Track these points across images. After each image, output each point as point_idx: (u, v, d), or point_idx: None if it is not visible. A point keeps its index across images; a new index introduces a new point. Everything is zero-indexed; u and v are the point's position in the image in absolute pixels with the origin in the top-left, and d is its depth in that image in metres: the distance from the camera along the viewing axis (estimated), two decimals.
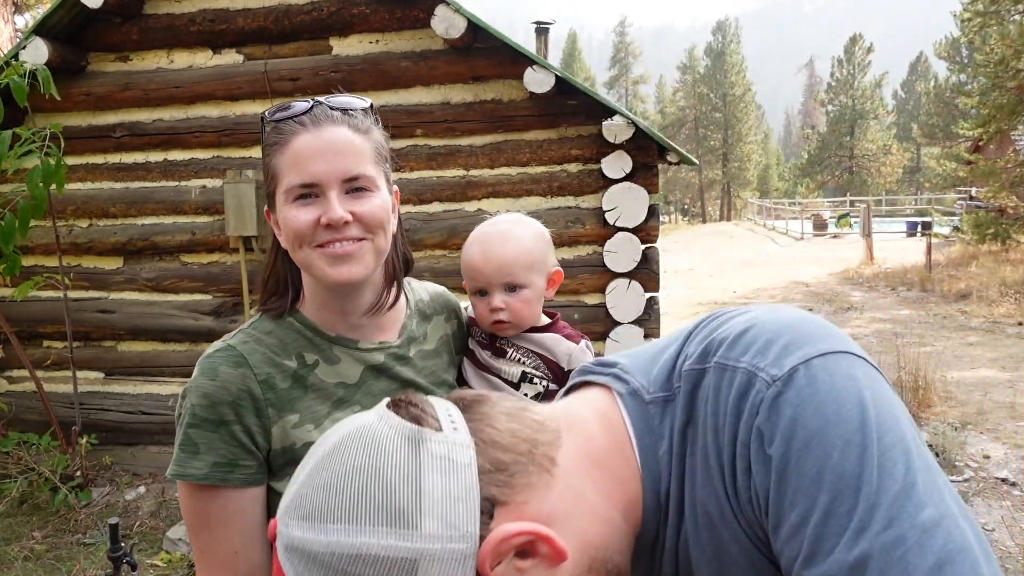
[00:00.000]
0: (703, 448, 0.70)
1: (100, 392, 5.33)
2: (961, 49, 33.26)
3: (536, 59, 4.57)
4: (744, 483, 0.66)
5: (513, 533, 0.63)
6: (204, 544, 1.14)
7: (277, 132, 1.15)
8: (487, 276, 1.34)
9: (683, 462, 0.72)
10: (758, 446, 0.64)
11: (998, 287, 12.65)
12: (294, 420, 1.16)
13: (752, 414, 0.65)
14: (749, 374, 0.67)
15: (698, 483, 0.71)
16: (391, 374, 1.26)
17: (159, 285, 5.23)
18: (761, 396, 0.65)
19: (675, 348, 0.77)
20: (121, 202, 5.19)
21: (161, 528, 4.54)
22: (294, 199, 1.12)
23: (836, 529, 0.59)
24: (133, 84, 5.06)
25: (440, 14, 4.48)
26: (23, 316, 5.25)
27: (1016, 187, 15.77)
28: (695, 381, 0.72)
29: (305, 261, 1.15)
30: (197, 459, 1.11)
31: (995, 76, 15.46)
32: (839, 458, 0.60)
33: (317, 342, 1.22)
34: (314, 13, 4.82)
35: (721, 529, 0.69)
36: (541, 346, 1.38)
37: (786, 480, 0.62)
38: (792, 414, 0.63)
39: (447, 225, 4.84)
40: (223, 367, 1.13)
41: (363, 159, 1.15)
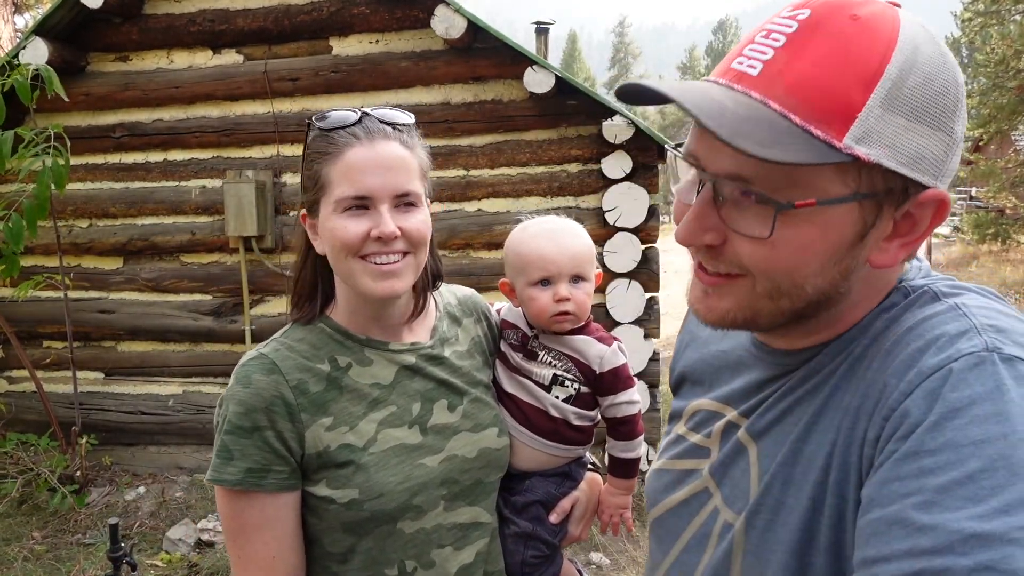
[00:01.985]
0: (881, 354, 0.73)
1: (100, 392, 5.33)
2: (961, 49, 33.24)
3: (536, 59, 4.57)
4: (890, 395, 0.67)
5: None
6: (241, 550, 1.16)
7: (328, 142, 1.17)
8: (559, 266, 1.34)
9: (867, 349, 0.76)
10: (935, 382, 0.64)
11: (998, 287, 12.66)
12: (328, 423, 1.18)
13: (951, 358, 0.65)
14: (974, 329, 0.67)
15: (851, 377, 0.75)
16: (425, 373, 1.28)
17: (159, 285, 5.22)
18: (973, 350, 0.65)
19: (946, 278, 0.81)
20: (121, 202, 5.19)
21: (161, 528, 4.54)
22: (344, 210, 1.16)
23: (971, 495, 0.58)
24: (133, 84, 5.06)
25: (440, 14, 4.48)
26: (23, 316, 5.24)
27: (1016, 187, 15.76)
28: (924, 301, 0.76)
29: (348, 271, 1.18)
30: (231, 465, 1.13)
31: (995, 76, 15.45)
32: (1011, 444, 0.59)
33: (349, 345, 1.25)
34: (314, 13, 4.82)
35: (822, 434, 0.74)
36: (573, 348, 1.39)
37: (943, 428, 0.61)
38: (991, 386, 0.62)
39: (447, 225, 4.84)
40: (256, 375, 1.16)
41: (412, 175, 1.20)
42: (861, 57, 0.68)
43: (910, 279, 0.82)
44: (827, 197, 0.71)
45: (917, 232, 0.76)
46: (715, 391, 0.97)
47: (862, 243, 0.74)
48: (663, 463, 1.01)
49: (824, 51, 0.69)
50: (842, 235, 0.73)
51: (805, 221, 0.71)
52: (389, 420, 1.22)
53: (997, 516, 0.56)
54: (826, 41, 0.69)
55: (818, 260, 0.74)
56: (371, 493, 1.17)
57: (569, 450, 1.40)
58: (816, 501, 0.74)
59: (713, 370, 1.00)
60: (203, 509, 4.66)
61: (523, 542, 1.36)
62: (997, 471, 0.58)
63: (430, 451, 1.24)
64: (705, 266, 0.80)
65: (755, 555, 0.79)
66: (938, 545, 0.57)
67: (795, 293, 0.75)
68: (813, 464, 0.75)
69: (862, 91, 0.68)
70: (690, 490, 0.93)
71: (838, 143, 0.68)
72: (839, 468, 0.72)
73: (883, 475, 0.64)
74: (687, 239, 0.77)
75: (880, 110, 0.68)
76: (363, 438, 1.19)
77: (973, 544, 0.56)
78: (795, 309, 0.77)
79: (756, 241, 0.73)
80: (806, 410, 0.79)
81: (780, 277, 0.74)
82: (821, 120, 0.68)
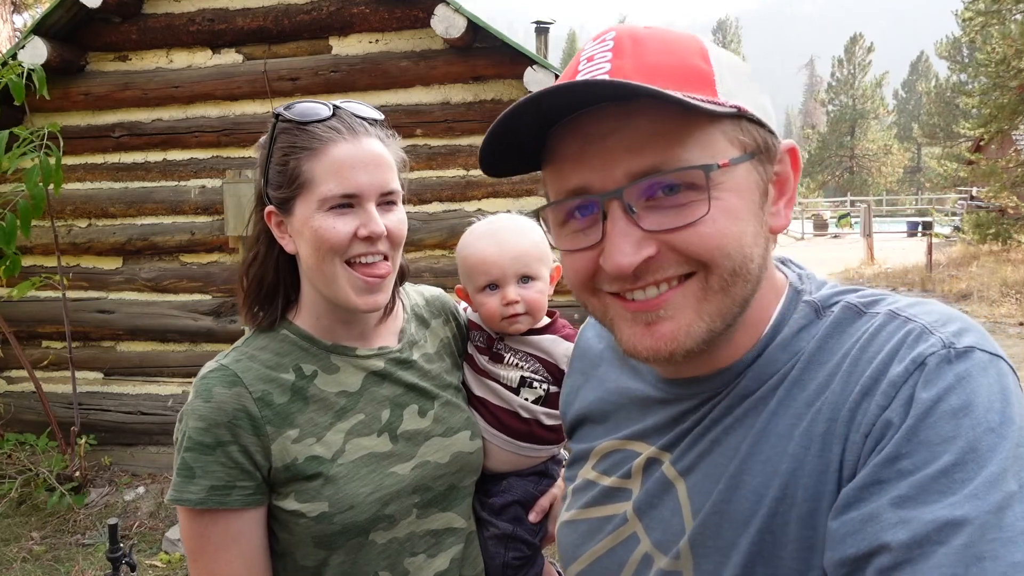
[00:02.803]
0: (825, 376, 0.72)
1: (99, 392, 5.33)
2: (962, 48, 33.25)
3: (536, 59, 4.56)
4: (866, 412, 0.67)
5: None
6: (206, 569, 1.10)
7: (309, 136, 1.11)
8: (502, 268, 1.30)
9: (799, 370, 0.75)
10: (909, 388, 0.65)
11: (999, 287, 12.64)
12: (294, 435, 1.13)
13: (916, 361, 0.66)
14: (926, 330, 0.69)
15: (792, 399, 0.74)
16: (393, 379, 1.23)
17: (158, 285, 5.22)
18: (934, 351, 0.66)
19: (848, 289, 0.81)
20: (120, 202, 5.18)
21: (160, 528, 4.53)
22: (330, 208, 1.10)
23: (943, 487, 0.59)
24: (132, 84, 5.05)
25: (440, 14, 4.47)
26: (22, 316, 5.24)
27: (1017, 187, 15.76)
28: (850, 318, 0.75)
29: (331, 275, 1.12)
30: (193, 483, 1.08)
31: (996, 76, 15.46)
32: (979, 436, 0.61)
33: (314, 352, 1.19)
34: (314, 13, 4.81)
35: (784, 442, 0.72)
36: (539, 348, 1.35)
37: (919, 430, 0.63)
38: (955, 381, 0.64)
39: (447, 225, 4.83)
40: (217, 387, 1.10)
41: (393, 172, 1.16)
42: (680, 43, 0.74)
43: (808, 291, 0.80)
44: (731, 156, 0.72)
45: (790, 187, 0.79)
46: (625, 429, 0.90)
47: (764, 205, 0.76)
48: (575, 513, 0.93)
49: (651, 47, 0.72)
50: (754, 198, 0.74)
51: (724, 189, 0.71)
52: (357, 429, 1.17)
53: (968, 501, 0.58)
54: (645, 43, 0.73)
55: (749, 227, 0.73)
56: (341, 505, 1.12)
57: (544, 449, 1.37)
58: (774, 534, 0.70)
59: (616, 408, 0.93)
60: None
61: (504, 544, 1.32)
62: (967, 464, 0.60)
63: (401, 459, 1.19)
64: (640, 293, 0.74)
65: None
66: (915, 537, 0.58)
67: (746, 271, 0.73)
68: (762, 497, 0.71)
69: (704, 61, 0.73)
70: (613, 538, 0.85)
71: (717, 99, 0.70)
72: (806, 499, 0.68)
73: (861, 480, 0.64)
74: (628, 260, 0.70)
75: (725, 72, 0.73)
76: (331, 449, 1.14)
77: (948, 531, 0.57)
78: (745, 297, 0.74)
79: (697, 225, 0.70)
80: (740, 440, 0.75)
81: (734, 254, 0.71)
82: (691, 88, 0.69)
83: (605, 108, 0.71)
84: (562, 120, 0.73)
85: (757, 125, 0.74)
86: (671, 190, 0.70)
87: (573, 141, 0.73)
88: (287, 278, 1.20)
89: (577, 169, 0.73)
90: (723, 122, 0.71)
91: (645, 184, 0.70)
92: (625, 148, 0.70)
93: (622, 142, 0.70)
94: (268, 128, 1.18)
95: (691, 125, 0.70)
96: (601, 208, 0.72)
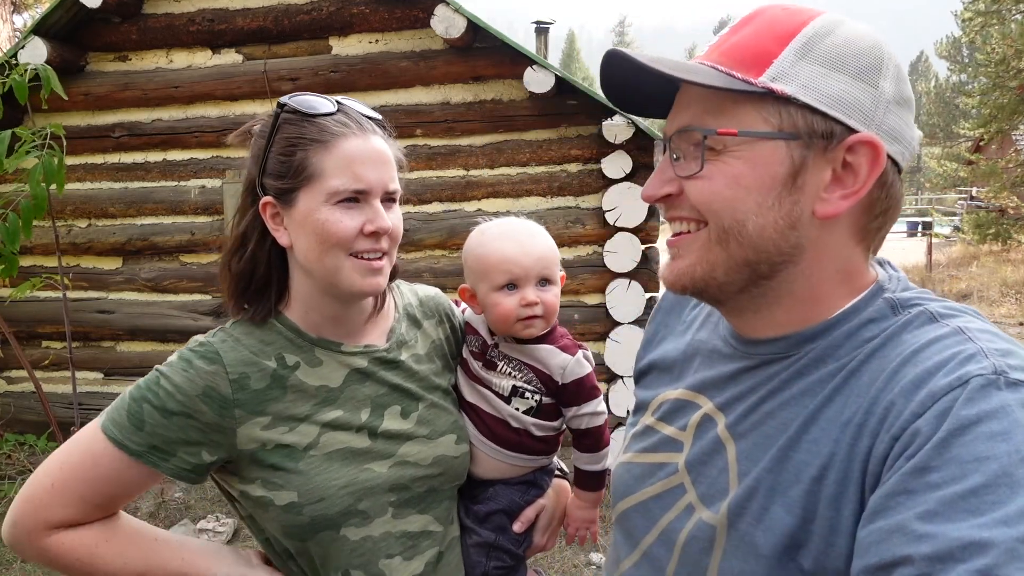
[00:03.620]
0: (879, 372, 0.75)
1: (99, 392, 5.33)
2: (962, 48, 33.24)
3: (536, 59, 4.56)
4: (900, 415, 0.69)
5: None
6: (72, 488, 1.08)
7: (319, 128, 1.11)
8: (525, 268, 1.27)
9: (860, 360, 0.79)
10: (947, 402, 0.67)
11: (999, 287, 12.65)
12: (265, 422, 1.13)
13: (962, 379, 0.68)
14: (982, 352, 0.70)
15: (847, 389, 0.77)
16: (376, 378, 1.22)
17: (158, 285, 5.22)
18: (982, 373, 0.68)
19: (935, 298, 0.84)
20: (120, 202, 5.19)
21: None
22: (338, 202, 1.10)
23: (972, 508, 0.60)
24: (132, 84, 5.05)
25: (440, 14, 4.47)
26: (22, 316, 5.24)
27: (1017, 187, 15.76)
28: (921, 322, 0.78)
29: (334, 266, 1.12)
30: (138, 435, 1.08)
31: (996, 76, 15.45)
32: (1013, 463, 0.62)
33: (299, 343, 1.19)
34: (314, 13, 4.81)
35: (820, 430, 0.77)
36: (534, 358, 1.31)
37: (950, 445, 0.64)
38: (999, 405, 0.65)
39: (447, 225, 4.83)
40: (197, 361, 1.12)
41: (395, 171, 1.17)
42: (782, 25, 0.81)
43: (892, 290, 0.84)
44: (749, 130, 0.80)
45: (858, 182, 0.81)
46: (686, 379, 0.98)
47: (796, 186, 0.80)
48: (631, 456, 1.01)
49: (754, 28, 0.83)
50: (772, 173, 0.80)
51: (733, 156, 0.80)
52: (334, 423, 1.17)
53: (996, 526, 0.58)
54: (757, 23, 0.83)
55: (752, 197, 0.81)
56: (311, 497, 1.12)
57: (533, 460, 1.35)
58: (807, 511, 0.75)
59: (685, 358, 1.01)
60: (202, 509, 4.65)
61: (485, 552, 1.30)
62: (999, 487, 0.60)
63: (379, 456, 1.18)
64: (670, 223, 0.88)
65: (735, 556, 0.80)
66: (938, 551, 0.59)
67: (738, 232, 0.81)
68: (803, 474, 0.76)
69: (777, 45, 0.80)
70: (663, 484, 0.93)
71: (754, 80, 0.78)
72: (837, 482, 0.73)
73: (889, 488, 0.66)
74: (649, 191, 0.87)
75: (794, 58, 0.79)
76: (304, 440, 1.14)
77: (972, 551, 0.58)
78: (747, 259, 0.82)
79: (695, 179, 0.82)
80: (794, 417, 0.80)
81: (722, 213, 0.81)
82: (741, 68, 0.80)
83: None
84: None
85: (809, 111, 0.79)
86: (696, 146, 0.82)
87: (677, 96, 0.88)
88: (279, 271, 1.19)
89: (670, 118, 0.89)
90: (763, 101, 0.79)
91: (679, 137, 0.84)
92: (682, 107, 0.85)
93: (681, 102, 0.86)
94: (270, 118, 1.17)
95: (724, 98, 0.80)
96: (665, 148, 0.88)
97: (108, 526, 1.13)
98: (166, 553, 1.16)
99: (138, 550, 1.14)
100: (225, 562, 1.19)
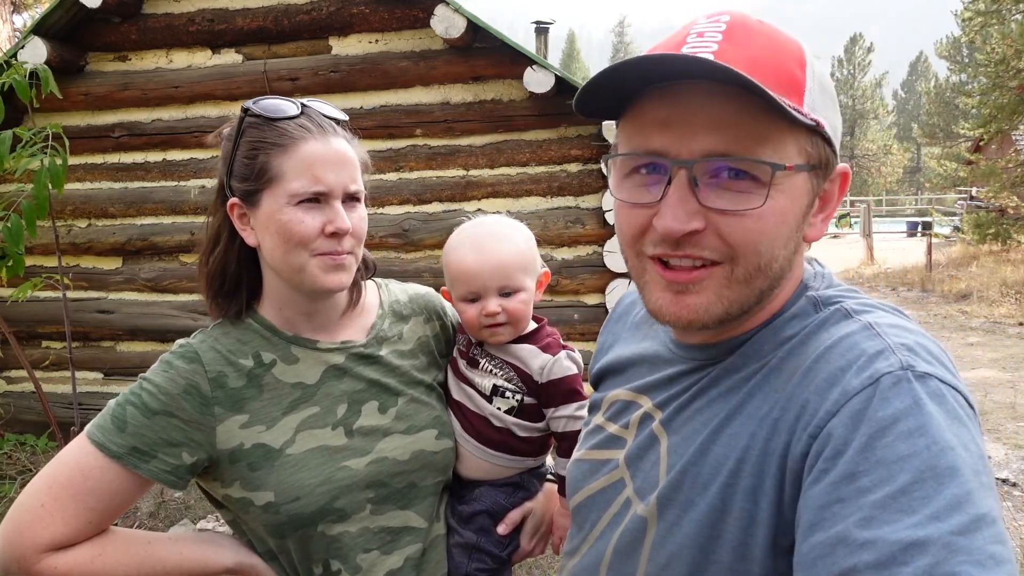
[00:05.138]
0: (796, 368, 0.77)
1: (99, 392, 5.32)
2: (962, 48, 33.25)
3: (536, 59, 4.56)
4: (815, 413, 0.70)
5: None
6: (63, 503, 1.07)
7: (279, 132, 1.14)
8: (482, 279, 1.25)
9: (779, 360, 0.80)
10: (861, 403, 0.68)
11: (998, 287, 12.64)
12: (243, 420, 1.15)
13: (872, 377, 0.69)
14: (889, 349, 0.71)
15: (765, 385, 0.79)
16: (353, 374, 1.24)
17: (158, 285, 5.22)
18: (891, 370, 0.69)
19: (853, 294, 0.85)
20: (120, 202, 5.19)
21: (160, 528, 4.53)
22: (298, 203, 1.13)
23: (905, 507, 0.61)
24: (132, 84, 5.05)
25: (440, 14, 4.47)
26: (22, 316, 5.23)
27: (1017, 187, 15.76)
28: (837, 319, 0.79)
29: (299, 265, 1.15)
30: (121, 436, 1.10)
31: (996, 76, 15.46)
32: (933, 455, 0.63)
33: (275, 341, 1.21)
34: (313, 13, 4.81)
35: (739, 426, 0.78)
36: (516, 357, 1.31)
37: (874, 448, 0.65)
38: (912, 401, 0.66)
39: (447, 225, 4.82)
40: (177, 362, 1.15)
41: (357, 172, 1.19)
42: (786, 47, 0.78)
43: (816, 287, 0.86)
44: (794, 163, 0.76)
45: (832, 205, 0.84)
46: (633, 382, 1.00)
47: (806, 216, 0.81)
48: (582, 453, 1.04)
49: (760, 42, 0.77)
50: (801, 206, 0.79)
51: (780, 191, 0.76)
52: (310, 421, 1.18)
53: (930, 523, 0.60)
54: (757, 35, 0.78)
55: (787, 232, 0.79)
56: (287, 496, 1.14)
57: (518, 461, 1.33)
58: (724, 502, 0.77)
59: (632, 364, 1.03)
60: (202, 509, 4.65)
61: (467, 554, 1.28)
62: (925, 482, 0.62)
63: (355, 453, 1.19)
64: (676, 261, 0.80)
65: (662, 546, 0.82)
66: (881, 558, 0.60)
67: (769, 269, 0.79)
68: (721, 466, 0.78)
69: (799, 70, 0.77)
70: (606, 480, 0.95)
71: (802, 109, 0.75)
72: (753, 475, 0.75)
73: (822, 498, 0.66)
74: (679, 226, 0.76)
75: (815, 86, 0.78)
76: (280, 439, 1.16)
77: (912, 552, 0.59)
78: (763, 291, 0.81)
79: (744, 216, 0.76)
80: (717, 412, 0.82)
81: (764, 252, 0.77)
82: (782, 92, 0.74)
83: (700, 83, 0.75)
84: (659, 84, 0.78)
85: (825, 142, 0.79)
86: (736, 176, 0.76)
87: (663, 105, 0.77)
88: (249, 269, 1.22)
89: (659, 132, 0.78)
90: (799, 131, 0.76)
91: (716, 163, 0.76)
92: (708, 126, 0.75)
93: (708, 120, 0.75)
94: (235, 121, 1.19)
95: (772, 124, 0.74)
96: (669, 173, 0.77)
97: (99, 541, 1.13)
98: (163, 553, 1.16)
99: (133, 557, 1.14)
100: (227, 550, 1.21)
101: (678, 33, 0.81)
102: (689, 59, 0.73)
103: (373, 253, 1.33)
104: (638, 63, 0.74)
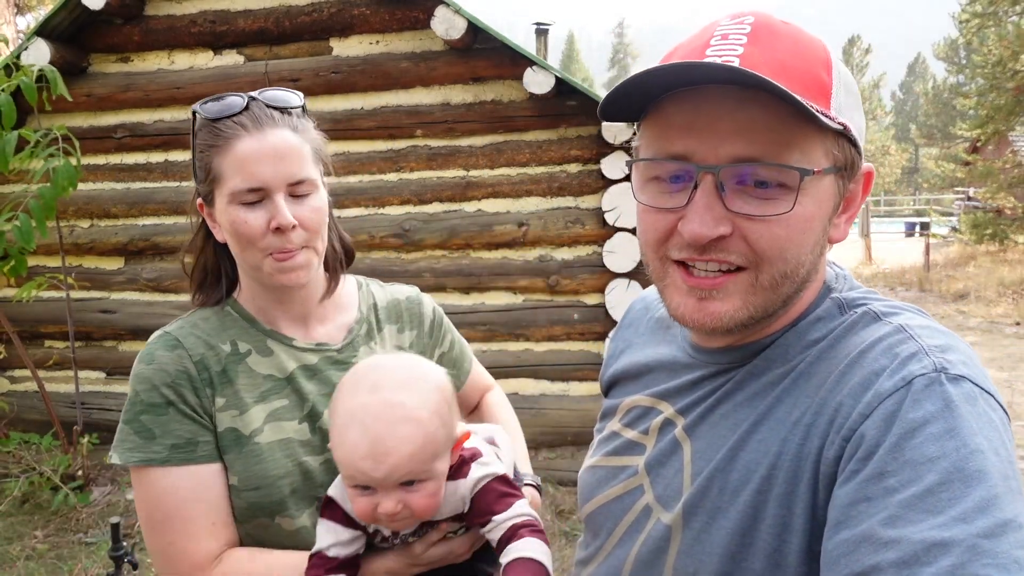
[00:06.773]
0: (828, 373, 0.76)
1: (101, 392, 5.35)
2: (959, 50, 33.28)
3: (536, 60, 4.59)
4: (848, 416, 0.70)
5: None
6: (180, 526, 1.10)
7: (215, 132, 1.14)
8: (377, 478, 0.97)
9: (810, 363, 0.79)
10: (893, 405, 0.68)
11: (996, 287, 12.68)
12: (221, 403, 1.17)
13: (905, 379, 0.69)
14: (922, 351, 0.71)
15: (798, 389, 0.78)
16: (322, 377, 1.24)
17: (160, 285, 5.24)
18: (924, 372, 0.69)
19: (878, 296, 0.85)
20: (122, 202, 5.21)
21: None
22: (240, 202, 1.13)
23: (931, 507, 0.61)
24: (134, 85, 5.08)
25: (440, 15, 4.50)
26: (25, 316, 5.26)
27: (1014, 187, 15.80)
28: (867, 321, 0.78)
29: (254, 263, 1.17)
30: (155, 443, 1.11)
31: (993, 77, 15.50)
32: (962, 458, 0.63)
33: (252, 332, 1.23)
34: (314, 14, 4.84)
35: (770, 431, 0.77)
36: (440, 512, 1.09)
37: (903, 448, 0.65)
38: (944, 403, 0.66)
39: (447, 225, 4.86)
40: (159, 351, 1.16)
41: (304, 161, 1.17)
42: (811, 49, 0.77)
43: (839, 289, 0.86)
44: (821, 167, 0.76)
45: (855, 206, 0.82)
46: (651, 388, 0.98)
47: (832, 218, 0.80)
48: (597, 460, 1.01)
49: (786, 45, 0.76)
50: (827, 209, 0.79)
51: (807, 196, 0.75)
52: (279, 413, 1.19)
53: (956, 524, 0.60)
54: (782, 37, 0.76)
55: (813, 237, 0.78)
56: (248, 483, 1.14)
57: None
58: (756, 509, 0.76)
59: (649, 370, 1.01)
60: None
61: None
62: (953, 483, 0.62)
63: (316, 451, 1.20)
64: (701, 266, 0.79)
65: (689, 555, 0.80)
66: (904, 557, 0.60)
67: (796, 275, 0.78)
68: (752, 472, 0.77)
69: (825, 73, 0.76)
70: (623, 487, 0.94)
71: (830, 113, 0.74)
72: (786, 481, 0.74)
73: (849, 497, 0.67)
74: (706, 231, 0.75)
75: (840, 87, 0.77)
76: (250, 426, 1.16)
77: (936, 552, 0.59)
78: (788, 295, 0.80)
79: (771, 222, 0.75)
80: (744, 417, 0.81)
81: (791, 258, 0.76)
82: (809, 95, 0.73)
83: (726, 88, 0.74)
84: (682, 88, 0.76)
85: (851, 144, 0.78)
86: (763, 182, 0.75)
87: (687, 110, 0.76)
88: (227, 262, 1.25)
89: (684, 137, 0.76)
90: (826, 134, 0.75)
91: (743, 169, 0.75)
92: (735, 131, 0.74)
93: (734, 125, 0.74)
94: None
95: (800, 129, 0.73)
96: (695, 178, 0.76)
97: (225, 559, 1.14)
98: (283, 557, 1.15)
99: (262, 562, 1.15)
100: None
101: (701, 34, 0.80)
102: (719, 67, 0.71)
103: (373, 253, 1.35)
104: (668, 71, 0.74)
